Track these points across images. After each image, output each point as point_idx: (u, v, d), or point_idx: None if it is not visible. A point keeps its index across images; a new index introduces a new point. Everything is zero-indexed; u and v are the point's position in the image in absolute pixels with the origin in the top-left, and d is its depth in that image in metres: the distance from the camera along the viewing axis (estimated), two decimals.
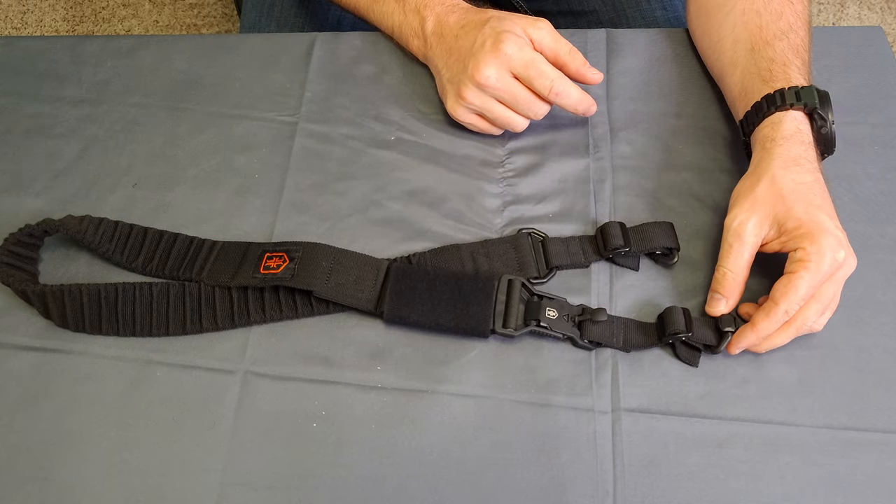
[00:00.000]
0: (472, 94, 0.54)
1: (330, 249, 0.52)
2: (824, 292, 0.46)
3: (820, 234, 0.45)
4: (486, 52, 0.53)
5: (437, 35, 0.58)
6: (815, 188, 0.48)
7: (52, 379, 0.49)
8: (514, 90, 0.54)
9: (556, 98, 0.54)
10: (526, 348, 0.50)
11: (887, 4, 1.54)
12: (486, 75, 0.53)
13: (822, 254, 0.45)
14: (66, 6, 1.58)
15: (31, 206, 0.57)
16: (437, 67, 0.58)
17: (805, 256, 0.45)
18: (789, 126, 0.50)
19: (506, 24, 0.54)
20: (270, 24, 0.75)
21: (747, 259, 0.48)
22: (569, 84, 0.54)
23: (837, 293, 0.48)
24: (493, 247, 0.53)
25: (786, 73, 0.52)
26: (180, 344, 0.50)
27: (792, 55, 0.53)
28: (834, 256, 0.45)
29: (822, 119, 0.50)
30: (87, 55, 0.65)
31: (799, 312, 0.46)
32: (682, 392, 0.48)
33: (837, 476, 0.45)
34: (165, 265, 0.53)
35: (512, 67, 0.53)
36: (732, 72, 0.56)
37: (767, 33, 0.55)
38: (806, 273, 0.45)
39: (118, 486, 0.46)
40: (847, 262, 0.46)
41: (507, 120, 0.56)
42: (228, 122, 0.61)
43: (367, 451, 0.46)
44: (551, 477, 0.45)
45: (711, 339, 0.48)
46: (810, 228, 0.46)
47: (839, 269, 0.46)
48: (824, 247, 0.45)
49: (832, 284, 0.46)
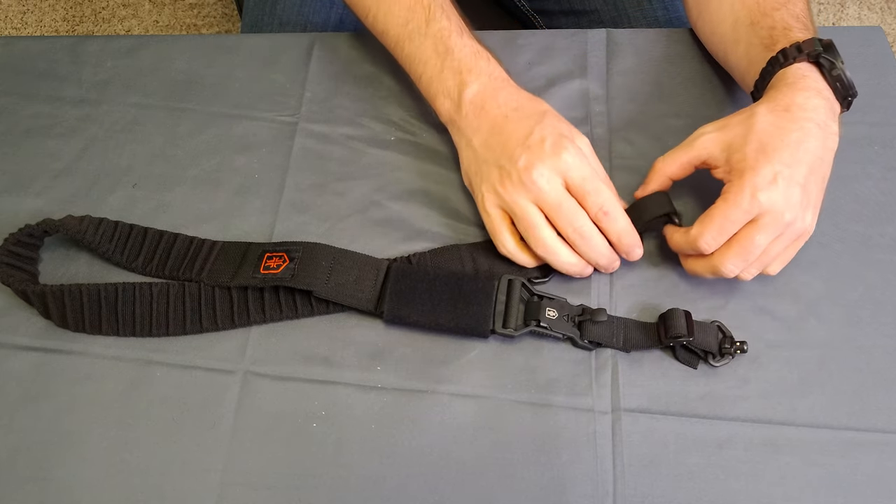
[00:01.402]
0: (514, 188, 0.48)
1: (330, 249, 0.52)
2: (747, 243, 0.45)
3: (750, 172, 0.45)
4: (545, 151, 0.48)
5: (477, 106, 0.52)
6: (791, 136, 0.46)
7: (51, 379, 0.49)
8: (563, 199, 0.48)
9: (603, 217, 0.48)
10: (526, 348, 0.50)
11: (887, 4, 1.54)
12: (539, 173, 0.47)
13: (743, 190, 0.44)
14: (66, 6, 1.58)
15: (31, 206, 0.57)
16: (468, 139, 0.53)
17: (726, 190, 0.46)
18: (792, 75, 0.49)
19: (564, 127, 0.50)
20: (272, 22, 0.75)
21: (684, 161, 0.49)
22: (620, 211, 0.49)
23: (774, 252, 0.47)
24: (494, 247, 0.53)
25: (787, 35, 0.52)
26: (180, 344, 0.50)
27: (792, 20, 0.53)
28: (753, 200, 0.44)
29: (830, 62, 0.49)
30: (87, 55, 0.65)
31: (717, 254, 0.47)
32: (683, 392, 0.48)
33: (838, 476, 0.45)
34: (165, 265, 0.53)
35: (568, 177, 0.48)
36: (735, 49, 0.56)
37: (765, 5, 0.54)
38: (723, 204, 0.45)
39: (118, 486, 0.46)
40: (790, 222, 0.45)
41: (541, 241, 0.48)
42: (228, 123, 0.61)
43: (367, 451, 0.46)
44: (551, 477, 0.45)
45: (712, 345, 0.48)
46: (747, 165, 0.45)
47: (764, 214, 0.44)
48: (745, 186, 0.44)
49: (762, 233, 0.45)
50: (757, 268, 0.48)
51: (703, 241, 0.46)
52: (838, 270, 0.52)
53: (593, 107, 0.61)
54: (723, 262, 0.46)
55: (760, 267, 0.48)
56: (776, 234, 0.46)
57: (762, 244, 0.46)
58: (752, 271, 0.48)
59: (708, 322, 0.50)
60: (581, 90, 0.62)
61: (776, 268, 0.49)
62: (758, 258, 0.47)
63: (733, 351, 0.48)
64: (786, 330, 0.50)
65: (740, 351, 0.48)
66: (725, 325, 0.50)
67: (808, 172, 0.46)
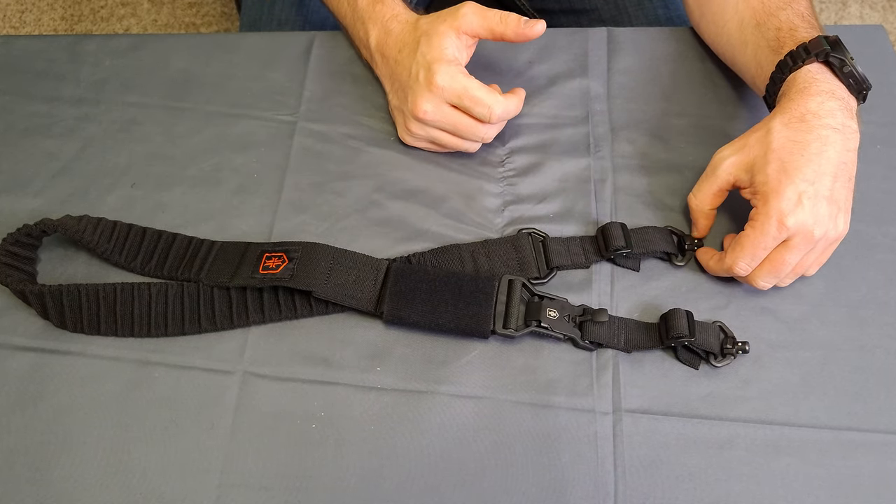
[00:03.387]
0: (416, 127, 0.55)
1: (329, 249, 0.51)
2: (779, 265, 0.47)
3: (774, 196, 0.45)
4: (421, 86, 0.53)
5: (380, 53, 0.58)
6: (810, 149, 0.46)
7: (50, 379, 0.49)
8: (454, 120, 0.54)
9: (498, 122, 0.54)
10: (526, 349, 0.49)
11: (889, 3, 1.53)
12: (424, 110, 0.53)
13: (770, 216, 0.45)
14: (65, 5, 1.57)
15: (30, 205, 0.56)
16: (385, 88, 0.59)
17: (754, 215, 0.47)
18: (803, 79, 0.49)
19: (435, 42, 0.53)
20: (271, 21, 0.75)
21: (714, 191, 0.50)
22: (505, 104, 0.53)
23: (807, 264, 0.48)
24: (494, 247, 0.52)
25: (793, 36, 0.52)
26: (179, 344, 0.50)
27: (798, 20, 0.53)
28: (783, 225, 0.45)
29: (840, 60, 0.49)
30: (85, 54, 0.65)
31: (752, 274, 0.48)
32: (684, 393, 0.48)
33: (839, 477, 0.45)
34: (164, 265, 0.52)
35: (448, 99, 0.53)
36: (744, 50, 0.56)
37: (770, 6, 0.55)
38: (752, 232, 0.47)
39: (116, 486, 0.45)
40: (820, 237, 0.46)
41: (456, 146, 0.56)
42: (227, 122, 0.61)
43: (366, 451, 0.46)
44: (552, 478, 0.45)
45: (714, 345, 0.48)
46: (770, 189, 0.46)
47: (794, 236, 0.46)
48: (772, 213, 0.45)
49: (793, 253, 0.46)
50: (792, 278, 0.50)
51: (738, 268, 0.48)
52: (840, 271, 0.52)
53: (594, 105, 0.61)
54: (756, 280, 0.49)
55: (796, 276, 0.50)
56: (808, 250, 0.47)
57: (794, 262, 0.47)
58: (788, 281, 0.50)
59: (709, 322, 0.49)
60: (582, 89, 0.62)
61: (813, 270, 0.50)
62: (792, 270, 0.48)
63: (735, 351, 0.48)
64: (788, 330, 0.50)
65: (742, 351, 0.48)
66: (727, 326, 0.49)
67: (832, 181, 0.46)
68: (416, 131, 0.56)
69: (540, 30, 0.54)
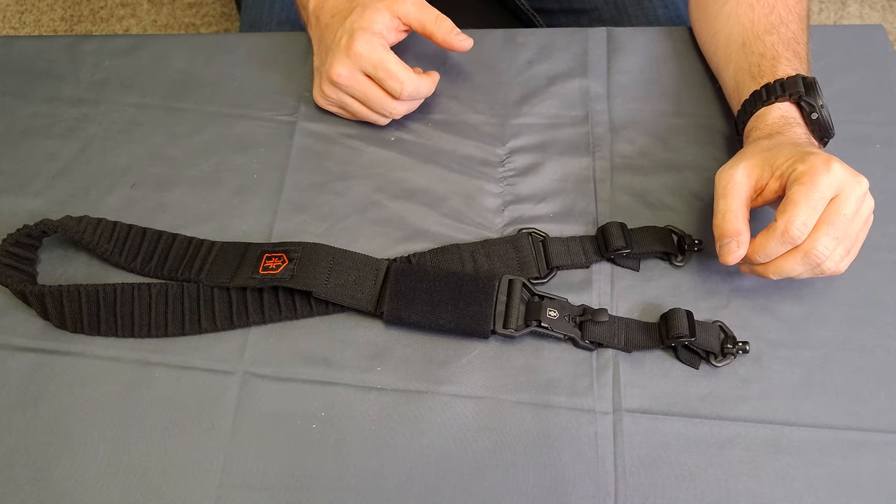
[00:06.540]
0: (329, 90, 0.56)
1: (329, 250, 0.51)
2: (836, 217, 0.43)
3: (809, 155, 0.44)
4: (340, 50, 0.54)
5: (315, 16, 0.58)
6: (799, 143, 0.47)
7: (50, 380, 0.49)
8: (365, 89, 0.55)
9: (408, 99, 0.55)
10: (526, 349, 0.49)
11: (888, 3, 1.53)
12: (338, 73, 0.54)
13: (816, 168, 0.43)
14: (64, 6, 1.57)
15: (30, 206, 0.56)
16: (314, 49, 0.60)
17: (799, 177, 0.43)
18: (774, 116, 0.50)
19: (367, 14, 0.54)
20: (271, 20, 0.75)
21: (745, 199, 0.46)
22: (417, 82, 0.54)
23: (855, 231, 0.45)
24: (494, 247, 0.52)
25: (773, 67, 0.52)
26: (179, 345, 0.50)
27: (782, 48, 0.53)
28: (830, 174, 0.43)
29: (811, 106, 0.50)
30: (84, 55, 0.65)
31: (809, 238, 0.44)
32: (684, 392, 0.48)
33: (839, 477, 0.45)
34: (164, 266, 0.52)
35: (363, 67, 0.54)
36: (727, 67, 0.57)
37: (758, 27, 0.55)
38: (802, 188, 0.43)
39: (116, 487, 0.45)
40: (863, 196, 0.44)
41: (365, 115, 0.57)
42: (227, 122, 0.61)
43: (366, 451, 0.46)
44: (552, 478, 0.45)
45: (714, 345, 0.48)
46: (801, 156, 0.45)
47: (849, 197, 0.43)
48: (816, 163, 0.43)
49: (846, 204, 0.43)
50: (842, 253, 0.45)
51: (794, 227, 0.43)
52: None
53: (594, 105, 0.61)
54: (814, 244, 0.43)
55: (847, 252, 0.45)
56: (857, 207, 0.44)
57: (849, 214, 0.44)
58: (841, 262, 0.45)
59: (709, 322, 0.49)
60: (581, 89, 0.62)
61: (848, 262, 0.46)
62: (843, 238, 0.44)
63: (735, 351, 0.48)
64: (788, 330, 0.50)
65: (742, 351, 0.48)
66: (727, 325, 0.49)
67: None
68: (329, 94, 0.57)
69: (467, 45, 0.56)
